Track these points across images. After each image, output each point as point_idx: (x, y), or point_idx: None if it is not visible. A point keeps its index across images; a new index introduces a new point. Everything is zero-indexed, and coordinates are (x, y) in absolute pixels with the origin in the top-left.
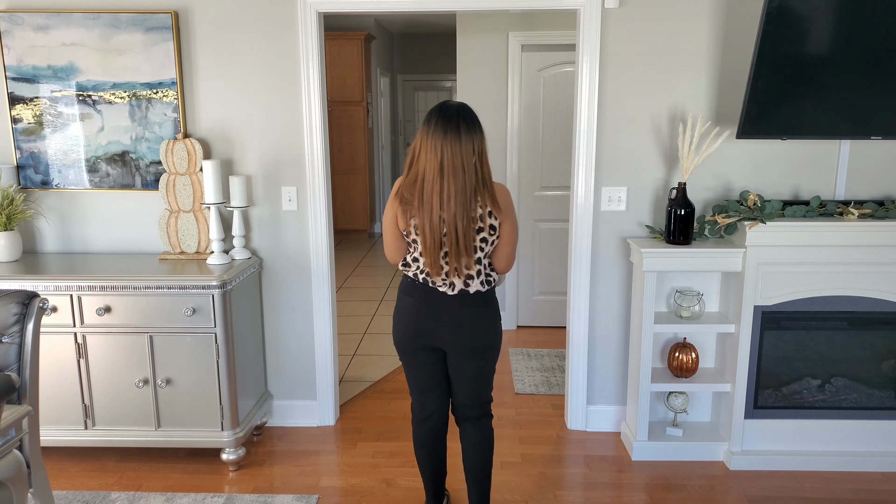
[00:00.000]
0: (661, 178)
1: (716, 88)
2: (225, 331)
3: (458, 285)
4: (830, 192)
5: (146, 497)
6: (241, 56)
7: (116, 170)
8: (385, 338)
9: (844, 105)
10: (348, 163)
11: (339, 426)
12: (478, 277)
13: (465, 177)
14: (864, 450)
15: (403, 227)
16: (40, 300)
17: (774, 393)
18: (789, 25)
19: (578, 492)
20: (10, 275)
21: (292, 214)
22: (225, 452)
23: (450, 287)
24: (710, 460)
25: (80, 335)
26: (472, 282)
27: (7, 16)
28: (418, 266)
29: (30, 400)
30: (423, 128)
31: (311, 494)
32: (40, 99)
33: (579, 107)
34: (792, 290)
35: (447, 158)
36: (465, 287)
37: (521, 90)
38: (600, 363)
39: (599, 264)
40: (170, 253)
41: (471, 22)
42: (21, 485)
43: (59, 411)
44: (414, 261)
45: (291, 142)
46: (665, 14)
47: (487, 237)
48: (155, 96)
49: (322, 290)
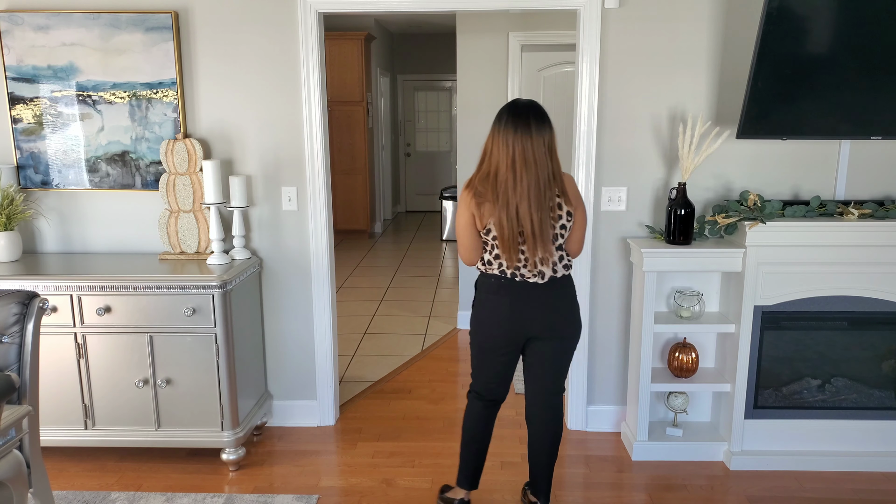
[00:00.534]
0: (661, 178)
1: (716, 88)
2: (225, 331)
3: (547, 274)
4: (830, 192)
5: (146, 497)
6: (241, 56)
7: (116, 170)
8: (385, 338)
9: (844, 105)
10: (348, 163)
11: (339, 426)
12: (560, 262)
13: (538, 170)
14: (864, 450)
15: (482, 226)
16: (40, 300)
17: (774, 393)
18: (789, 25)
19: (578, 492)
20: (10, 275)
21: (292, 214)
22: (225, 452)
23: (540, 276)
24: (710, 460)
25: (80, 335)
26: (557, 268)
27: (7, 16)
28: (500, 262)
29: (30, 400)
30: (494, 126)
31: (311, 494)
32: (40, 99)
33: (579, 107)
34: (792, 290)
35: (518, 153)
36: (553, 274)
37: (522, 90)
38: (600, 363)
39: (599, 264)
40: (170, 253)
41: (471, 22)
42: (21, 485)
43: (59, 411)
44: (496, 258)
45: (291, 142)
46: (665, 14)
47: (566, 224)
48: (155, 96)
49: (322, 290)
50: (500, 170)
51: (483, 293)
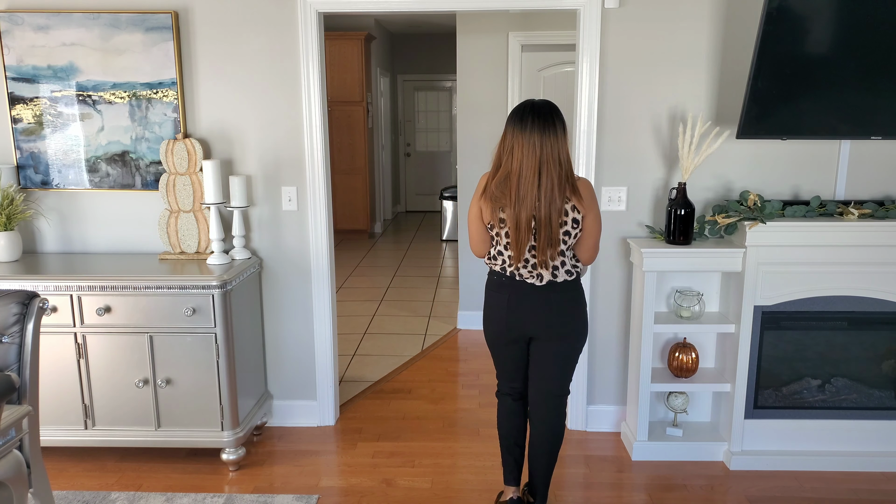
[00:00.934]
0: (661, 178)
1: (716, 88)
2: (225, 331)
3: (546, 277)
4: (830, 192)
5: (146, 497)
6: (241, 56)
7: (116, 170)
8: (385, 338)
9: (844, 105)
10: (348, 163)
11: (339, 426)
12: (562, 268)
13: (560, 171)
14: (864, 450)
15: (488, 220)
16: (40, 300)
17: (774, 393)
18: (789, 25)
19: (578, 492)
20: (10, 275)
21: (292, 214)
22: (225, 452)
23: (537, 279)
24: (710, 460)
25: (80, 335)
26: (558, 272)
27: (7, 16)
28: (503, 259)
29: (30, 400)
30: (515, 126)
31: (311, 494)
32: (40, 99)
33: (579, 107)
34: (792, 290)
35: (546, 154)
36: (552, 278)
37: (522, 90)
38: (600, 363)
39: (599, 264)
40: (170, 253)
41: (471, 22)
42: (21, 485)
43: (59, 411)
44: (499, 254)
45: (291, 142)
46: (665, 14)
47: (570, 230)
48: (155, 96)
49: (322, 290)
50: (523, 172)
51: (487, 290)
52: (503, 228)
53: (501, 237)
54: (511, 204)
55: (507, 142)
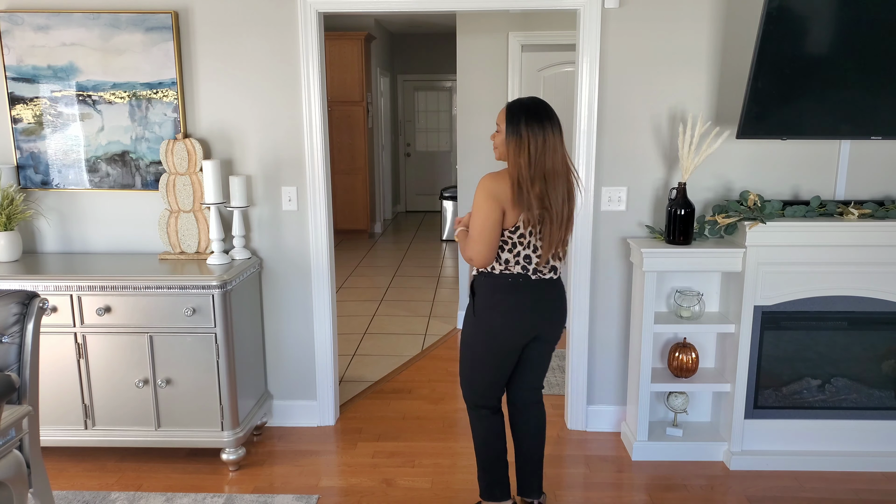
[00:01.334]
0: (661, 178)
1: (716, 88)
2: (225, 331)
3: (558, 268)
4: (830, 192)
5: (146, 497)
6: (241, 56)
7: (116, 170)
8: (385, 338)
9: (844, 105)
10: (348, 163)
11: (338, 426)
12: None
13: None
14: (864, 450)
15: (512, 224)
16: (40, 300)
17: (774, 393)
18: (789, 25)
19: (578, 492)
20: (10, 275)
21: (292, 214)
22: (225, 452)
23: (552, 271)
24: (710, 460)
25: (80, 335)
26: (559, 263)
27: (7, 16)
28: (518, 261)
29: (30, 400)
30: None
31: (311, 494)
32: (40, 99)
33: (579, 107)
34: (792, 290)
35: (562, 154)
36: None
37: (522, 90)
38: (600, 363)
39: (599, 264)
40: (170, 253)
41: (471, 22)
42: (21, 485)
43: (59, 411)
44: (515, 256)
45: (291, 142)
46: (665, 14)
47: None
48: (155, 96)
49: (322, 290)
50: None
51: (499, 294)
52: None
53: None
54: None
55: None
